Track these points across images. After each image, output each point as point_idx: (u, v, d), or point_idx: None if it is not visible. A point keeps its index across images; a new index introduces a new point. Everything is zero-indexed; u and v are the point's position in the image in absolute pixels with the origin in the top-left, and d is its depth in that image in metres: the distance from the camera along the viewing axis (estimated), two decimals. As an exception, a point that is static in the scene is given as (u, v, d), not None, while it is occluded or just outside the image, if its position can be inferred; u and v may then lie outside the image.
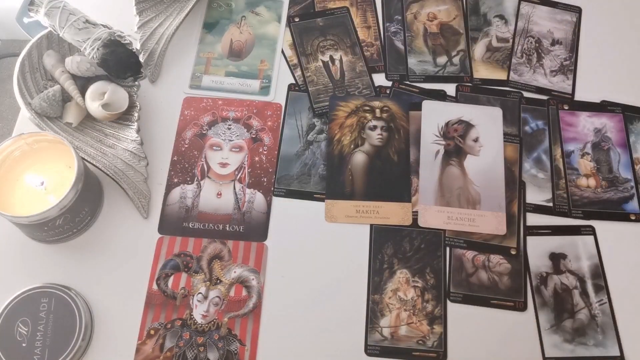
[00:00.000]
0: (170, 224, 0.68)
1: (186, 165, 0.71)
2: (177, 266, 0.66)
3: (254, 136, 0.74)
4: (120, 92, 0.71)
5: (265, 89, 0.77)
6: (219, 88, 0.77)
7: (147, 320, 0.63)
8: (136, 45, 0.74)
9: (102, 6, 0.80)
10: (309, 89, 0.77)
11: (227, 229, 0.68)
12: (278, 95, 0.77)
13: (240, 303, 0.64)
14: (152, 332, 0.63)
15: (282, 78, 0.78)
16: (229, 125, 0.74)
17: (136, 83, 0.72)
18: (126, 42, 0.67)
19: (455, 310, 0.66)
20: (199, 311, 0.64)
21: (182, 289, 0.65)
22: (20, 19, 0.71)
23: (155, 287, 0.65)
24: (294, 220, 0.69)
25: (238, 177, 0.71)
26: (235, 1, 0.84)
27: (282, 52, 0.80)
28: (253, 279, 0.66)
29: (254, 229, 0.68)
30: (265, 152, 0.73)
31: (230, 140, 0.73)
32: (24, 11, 0.70)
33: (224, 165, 0.71)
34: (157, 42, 0.77)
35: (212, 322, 0.63)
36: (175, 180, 0.70)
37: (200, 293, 0.65)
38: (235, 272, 0.66)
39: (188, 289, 0.65)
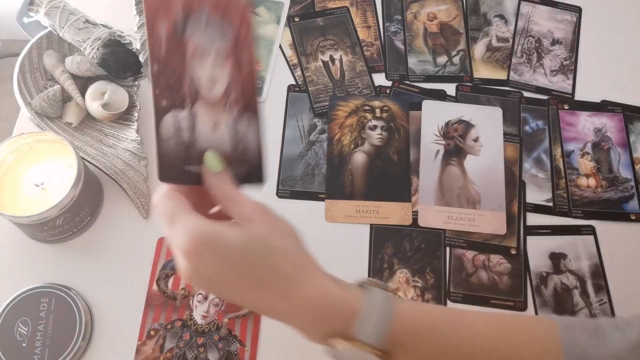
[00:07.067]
0: (171, 168, 0.46)
1: (171, 82, 0.46)
2: (177, 266, 0.66)
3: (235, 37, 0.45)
4: (120, 92, 0.71)
5: (258, 90, 0.77)
6: (217, 87, 0.77)
7: (147, 321, 0.63)
8: (136, 45, 0.74)
9: (102, 6, 0.80)
10: (309, 88, 0.77)
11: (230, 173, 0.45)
12: (272, 96, 0.76)
13: (240, 303, 0.64)
14: (152, 332, 0.63)
15: (279, 80, 0.78)
16: (207, 19, 0.45)
17: (136, 83, 0.72)
18: (126, 42, 0.67)
19: (456, 310, 0.66)
20: (199, 312, 0.64)
21: (182, 289, 0.65)
22: (20, 19, 0.71)
23: (155, 287, 0.65)
24: (294, 220, 0.69)
25: (230, 100, 0.46)
26: (235, 1, 0.84)
27: (282, 52, 0.80)
28: (253, 279, 0.66)
29: (249, 170, 0.46)
30: (243, 61, 0.45)
31: (215, 42, 0.45)
32: (24, 11, 0.70)
33: (213, 82, 0.46)
34: (157, 42, 0.77)
35: (212, 323, 0.63)
36: (164, 103, 0.45)
37: (200, 294, 0.65)
38: (235, 272, 0.66)
39: (188, 290, 0.65)
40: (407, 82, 0.78)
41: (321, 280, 0.42)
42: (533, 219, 0.71)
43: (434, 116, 0.75)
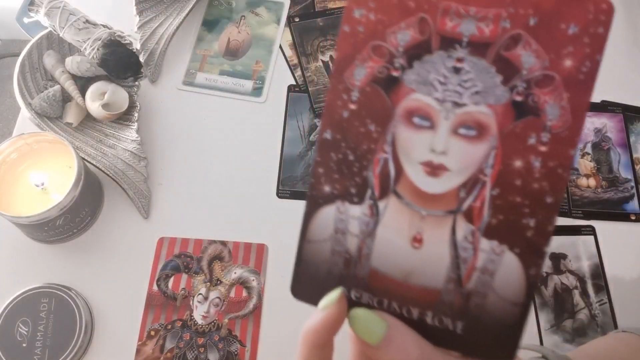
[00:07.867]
0: (314, 283, 0.32)
1: (350, 158, 0.29)
2: (178, 267, 0.66)
3: (520, 99, 0.26)
4: (121, 92, 0.71)
5: (258, 90, 0.77)
6: (212, 86, 0.77)
7: (148, 321, 0.63)
8: (136, 45, 0.74)
9: (102, 6, 0.80)
10: (310, 89, 0.77)
11: (429, 320, 0.29)
12: (271, 97, 0.76)
13: (240, 304, 0.64)
14: (152, 332, 0.63)
15: (278, 80, 0.78)
16: (460, 59, 0.26)
17: (136, 83, 0.72)
18: (126, 42, 0.67)
19: (456, 311, 0.66)
20: (199, 312, 0.64)
21: (183, 289, 0.65)
22: (20, 19, 0.71)
23: (155, 287, 0.65)
24: (294, 220, 0.69)
25: (465, 205, 0.28)
26: (236, 0, 0.84)
27: (282, 52, 0.80)
28: (253, 280, 0.66)
29: (483, 336, 0.28)
30: (546, 144, 0.26)
31: (459, 106, 0.27)
32: (24, 11, 0.70)
33: (434, 168, 0.27)
34: (157, 42, 0.77)
35: (213, 323, 0.63)
36: (327, 189, 0.30)
37: (200, 294, 0.65)
38: (235, 272, 0.66)
39: (188, 290, 0.65)
40: (407, 82, 0.78)
41: None
42: (533, 219, 0.71)
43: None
